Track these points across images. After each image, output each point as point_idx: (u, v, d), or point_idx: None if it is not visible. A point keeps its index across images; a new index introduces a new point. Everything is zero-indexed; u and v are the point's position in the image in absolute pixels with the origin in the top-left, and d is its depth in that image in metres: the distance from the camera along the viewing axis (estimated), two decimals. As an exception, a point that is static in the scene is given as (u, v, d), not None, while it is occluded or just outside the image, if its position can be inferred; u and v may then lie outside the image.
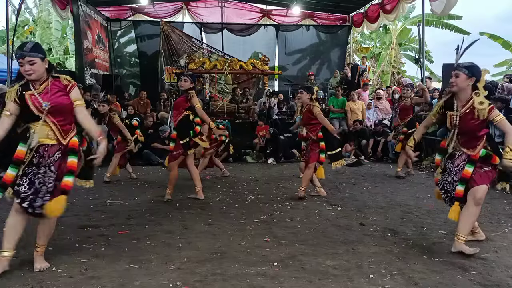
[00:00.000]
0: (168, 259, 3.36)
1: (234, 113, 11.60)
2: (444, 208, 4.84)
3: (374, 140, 9.96)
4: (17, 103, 3.00)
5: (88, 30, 11.72)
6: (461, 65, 3.42)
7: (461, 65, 3.42)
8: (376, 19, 12.90)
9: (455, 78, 3.42)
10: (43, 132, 3.04)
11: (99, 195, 5.87)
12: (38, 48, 3.06)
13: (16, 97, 3.00)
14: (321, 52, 15.61)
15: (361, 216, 4.78)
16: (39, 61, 3.01)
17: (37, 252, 3.17)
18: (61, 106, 3.08)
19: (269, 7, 15.21)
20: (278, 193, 6.08)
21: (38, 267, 3.10)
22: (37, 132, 3.03)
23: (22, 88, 3.03)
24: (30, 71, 2.99)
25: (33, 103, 3.01)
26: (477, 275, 3.07)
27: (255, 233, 4.11)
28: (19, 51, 3.00)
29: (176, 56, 13.37)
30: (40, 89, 3.05)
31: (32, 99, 3.01)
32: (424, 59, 11.81)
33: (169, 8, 14.64)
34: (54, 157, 3.07)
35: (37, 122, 3.03)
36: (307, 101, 5.65)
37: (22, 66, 3.00)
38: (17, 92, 3.01)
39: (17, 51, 3.05)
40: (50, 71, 3.12)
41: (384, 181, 7.13)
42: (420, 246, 3.72)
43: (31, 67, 2.99)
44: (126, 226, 4.34)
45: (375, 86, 17.45)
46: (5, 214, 4.71)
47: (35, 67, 3.00)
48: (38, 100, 3.02)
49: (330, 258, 3.41)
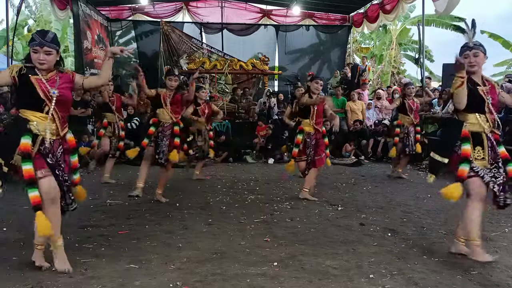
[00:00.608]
0: (168, 259, 3.36)
1: (234, 113, 11.60)
2: (444, 208, 4.85)
3: (374, 140, 9.96)
4: (15, 80, 2.94)
5: (88, 30, 11.71)
6: (477, 43, 3.31)
7: (478, 44, 3.30)
8: (375, 19, 12.88)
9: (474, 57, 3.29)
10: (50, 127, 3.02)
11: (99, 195, 5.87)
12: (57, 40, 3.08)
13: (16, 75, 2.94)
14: (321, 52, 15.58)
15: (361, 216, 4.78)
16: (55, 53, 3.03)
17: (38, 251, 3.15)
18: (66, 98, 3.09)
19: (269, 7, 15.19)
20: (278, 193, 6.08)
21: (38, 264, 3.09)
22: (43, 126, 2.99)
23: (27, 70, 2.98)
24: (44, 61, 2.98)
25: (41, 87, 2.97)
26: (477, 275, 3.06)
27: (255, 233, 4.10)
28: (40, 39, 2.96)
29: (176, 56, 13.36)
30: (47, 77, 3.03)
31: (39, 83, 2.98)
32: (424, 59, 11.80)
33: (169, 8, 14.63)
34: (57, 152, 3.08)
35: (37, 112, 2.98)
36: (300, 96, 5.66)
37: (36, 53, 2.97)
38: (21, 70, 2.95)
39: (37, 37, 2.97)
40: (58, 64, 3.12)
41: (384, 181, 7.14)
42: (420, 246, 3.72)
43: (46, 58, 2.98)
44: (126, 226, 4.33)
45: (375, 86, 17.44)
46: (5, 214, 4.73)
47: (50, 58, 3.00)
48: (46, 86, 2.99)
49: (330, 258, 3.41)
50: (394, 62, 20.87)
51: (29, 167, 2.89)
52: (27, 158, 2.90)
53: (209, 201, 5.59)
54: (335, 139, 10.43)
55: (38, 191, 2.91)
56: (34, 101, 2.98)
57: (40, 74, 3.02)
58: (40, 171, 2.94)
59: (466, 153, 3.28)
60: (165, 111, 5.41)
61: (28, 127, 2.95)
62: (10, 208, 4.89)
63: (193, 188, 6.45)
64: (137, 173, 7.82)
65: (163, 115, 5.43)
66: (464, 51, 3.32)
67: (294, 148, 5.55)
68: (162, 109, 5.41)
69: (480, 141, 3.34)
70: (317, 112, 5.54)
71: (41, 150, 2.99)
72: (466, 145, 3.29)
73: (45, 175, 2.95)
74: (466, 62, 3.26)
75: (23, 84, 2.97)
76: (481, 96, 3.33)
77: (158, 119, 5.44)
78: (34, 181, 2.91)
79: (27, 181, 2.89)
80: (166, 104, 5.40)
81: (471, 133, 3.33)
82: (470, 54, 3.30)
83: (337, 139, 10.45)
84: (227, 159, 9.51)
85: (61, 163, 3.08)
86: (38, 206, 2.91)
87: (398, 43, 20.96)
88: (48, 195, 2.95)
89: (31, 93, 2.97)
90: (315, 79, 5.54)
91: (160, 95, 5.40)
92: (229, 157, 9.57)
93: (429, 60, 20.56)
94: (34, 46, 2.97)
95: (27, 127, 2.95)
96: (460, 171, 3.26)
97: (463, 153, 3.28)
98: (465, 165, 3.25)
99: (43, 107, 3.00)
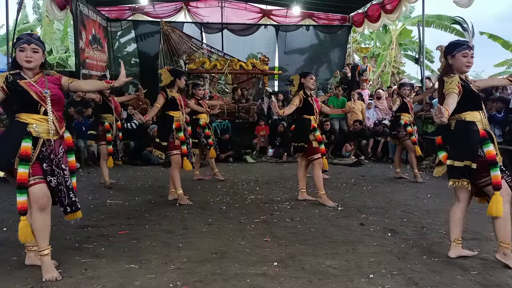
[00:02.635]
0: (168, 259, 3.36)
1: (234, 113, 11.60)
2: (443, 208, 4.85)
3: (374, 140, 9.96)
4: (4, 90, 2.93)
5: (83, 30, 11.70)
6: (472, 45, 3.28)
7: (472, 46, 3.28)
8: (377, 19, 12.87)
9: (471, 58, 3.26)
10: (50, 127, 3.01)
11: (99, 195, 5.88)
12: (42, 42, 3.12)
13: (5, 85, 2.93)
14: (321, 52, 15.58)
15: (361, 216, 4.78)
16: (41, 52, 3.04)
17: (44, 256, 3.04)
18: (58, 96, 3.10)
19: (269, 7, 15.20)
20: (278, 193, 6.08)
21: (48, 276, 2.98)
22: (43, 127, 2.99)
23: (13, 77, 2.98)
24: (31, 58, 2.98)
25: (33, 89, 2.97)
26: (477, 275, 3.06)
27: (255, 233, 4.11)
28: (27, 37, 2.99)
29: (176, 56, 13.35)
30: (35, 79, 3.04)
31: (29, 86, 2.98)
32: (424, 59, 11.80)
33: (169, 8, 14.63)
34: (59, 153, 3.08)
35: (34, 114, 2.97)
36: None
37: (22, 51, 2.97)
38: (7, 79, 2.95)
39: (23, 36, 3.00)
40: (43, 67, 3.13)
41: (384, 181, 7.14)
42: (420, 246, 3.72)
43: (33, 55, 2.99)
44: (126, 226, 4.34)
45: (375, 86, 17.43)
46: (5, 214, 4.74)
47: (37, 56, 3.01)
48: (37, 88, 2.99)
49: (330, 258, 3.41)
50: (394, 62, 20.86)
51: (24, 171, 2.89)
52: (25, 162, 2.90)
53: (209, 201, 5.59)
54: (335, 139, 10.45)
55: (28, 197, 2.92)
56: (28, 104, 2.97)
57: (28, 77, 3.02)
58: (33, 177, 2.93)
59: (492, 155, 3.13)
60: (180, 114, 5.37)
61: (27, 130, 2.94)
62: (10, 208, 4.89)
63: (193, 188, 6.45)
64: (137, 173, 7.89)
65: (182, 117, 5.40)
66: (464, 49, 3.27)
67: (320, 146, 5.36)
68: (178, 111, 5.33)
69: (492, 138, 3.23)
70: (316, 110, 5.52)
71: (43, 151, 2.98)
72: (488, 146, 3.15)
73: (37, 182, 2.94)
74: (464, 61, 3.25)
75: (13, 91, 2.95)
76: (477, 93, 3.30)
77: (179, 123, 5.34)
78: (25, 186, 2.90)
79: (19, 185, 2.89)
80: (182, 107, 5.40)
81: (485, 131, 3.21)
82: (469, 53, 3.27)
83: (337, 139, 10.47)
84: (227, 159, 9.52)
85: (62, 163, 3.07)
86: (23, 211, 2.92)
87: (398, 43, 20.95)
88: (38, 202, 2.93)
89: (23, 97, 2.96)
90: (309, 75, 5.41)
91: (175, 98, 5.30)
92: (230, 157, 9.59)
93: (430, 61, 20.56)
94: (21, 44, 2.98)
95: (26, 130, 2.94)
96: (494, 177, 3.10)
97: (488, 156, 3.13)
98: (495, 169, 3.10)
99: (39, 109, 2.99)
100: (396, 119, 7.22)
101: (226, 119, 11.05)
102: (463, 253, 3.42)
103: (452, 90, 3.16)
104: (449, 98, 3.15)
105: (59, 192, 3.03)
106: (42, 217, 2.96)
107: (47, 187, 2.97)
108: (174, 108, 5.31)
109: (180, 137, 5.29)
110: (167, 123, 5.29)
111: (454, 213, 3.41)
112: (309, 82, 5.38)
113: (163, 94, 5.25)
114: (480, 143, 3.18)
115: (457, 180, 3.26)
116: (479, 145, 3.18)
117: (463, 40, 3.38)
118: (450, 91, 3.17)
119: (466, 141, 3.18)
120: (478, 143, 3.17)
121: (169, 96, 5.25)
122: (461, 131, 3.23)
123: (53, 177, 3.00)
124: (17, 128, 2.98)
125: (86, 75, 11.65)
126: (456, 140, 3.25)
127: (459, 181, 3.26)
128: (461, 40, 3.42)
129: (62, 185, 3.05)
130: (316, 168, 5.36)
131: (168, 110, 5.29)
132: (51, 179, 2.99)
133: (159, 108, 5.25)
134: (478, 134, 3.18)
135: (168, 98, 5.25)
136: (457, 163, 3.22)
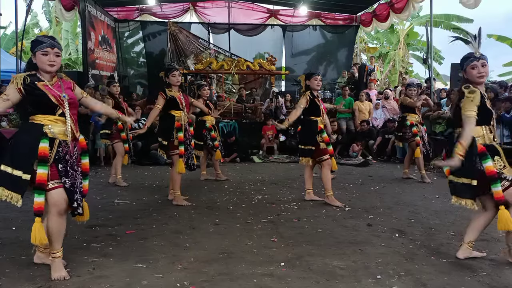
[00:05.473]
0: (176, 259, 3.37)
1: (241, 113, 11.61)
2: (452, 209, 4.82)
3: (383, 139, 9.88)
4: (21, 92, 2.92)
5: (92, 31, 11.77)
6: (483, 55, 3.23)
7: (484, 55, 3.23)
8: (386, 18, 12.82)
9: (482, 68, 3.20)
10: (68, 131, 3.02)
11: (107, 194, 5.91)
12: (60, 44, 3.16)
13: (22, 86, 2.92)
14: (328, 52, 15.56)
15: (369, 216, 4.76)
16: (61, 56, 3.07)
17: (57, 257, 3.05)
18: (74, 100, 3.12)
19: (276, 7, 15.20)
20: (285, 194, 6.07)
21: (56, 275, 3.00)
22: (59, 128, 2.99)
23: (30, 78, 2.97)
24: (54, 62, 3.00)
25: (51, 92, 2.97)
26: (486, 276, 3.04)
27: (262, 233, 4.11)
28: (50, 40, 3.00)
29: (183, 56, 13.41)
30: (52, 82, 3.04)
31: (47, 88, 2.98)
32: (432, 60, 11.73)
33: (176, 8, 14.69)
34: (74, 154, 3.08)
35: (50, 116, 2.96)
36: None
37: (45, 55, 2.97)
38: (25, 80, 2.94)
39: (46, 39, 3.00)
40: (60, 69, 3.16)
41: (391, 182, 7.10)
42: (428, 247, 3.70)
43: (56, 59, 3.01)
44: (134, 226, 4.36)
45: (382, 86, 17.37)
46: (14, 213, 4.77)
47: (59, 60, 3.04)
48: (55, 91, 2.99)
49: (337, 258, 3.40)
50: (402, 62, 20.77)
51: (43, 171, 2.89)
52: (43, 163, 2.89)
53: (216, 201, 5.60)
54: (343, 139, 10.41)
55: (46, 200, 2.93)
56: (45, 106, 2.96)
57: (45, 79, 3.01)
58: (52, 181, 2.93)
59: (491, 171, 3.08)
60: (182, 113, 5.30)
61: (43, 131, 2.93)
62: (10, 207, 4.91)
63: (200, 188, 6.46)
64: (145, 173, 7.92)
65: (184, 116, 5.31)
66: (471, 61, 3.23)
67: (328, 147, 5.34)
68: (179, 111, 5.27)
69: (496, 151, 3.18)
70: (323, 111, 5.49)
71: (60, 152, 2.97)
72: (487, 161, 3.10)
73: (56, 186, 2.95)
74: (475, 72, 3.21)
75: (30, 93, 2.94)
76: (489, 109, 3.26)
77: (180, 123, 5.26)
78: (44, 187, 2.90)
79: (38, 185, 2.89)
80: (183, 106, 5.33)
81: (485, 146, 3.15)
82: (478, 64, 3.22)
83: (344, 139, 10.43)
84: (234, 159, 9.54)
85: (75, 165, 3.07)
86: (39, 212, 2.92)
87: (406, 43, 20.85)
88: (57, 207, 2.94)
89: (41, 99, 2.95)
90: (313, 76, 5.36)
91: (174, 97, 5.24)
92: (236, 157, 9.60)
93: (438, 63, 20.46)
94: (44, 48, 2.96)
95: (42, 131, 2.93)
96: (495, 193, 3.07)
97: (488, 171, 3.08)
98: (496, 185, 3.07)
99: (56, 111, 2.98)
100: (402, 119, 7.17)
101: (233, 119, 11.06)
102: (472, 255, 3.39)
103: (471, 113, 3.09)
104: (467, 125, 3.09)
105: (70, 193, 3.03)
106: (59, 221, 2.99)
107: (64, 191, 2.98)
108: (175, 107, 5.26)
109: (179, 137, 5.25)
110: (168, 123, 5.29)
111: (479, 220, 3.37)
112: (313, 83, 5.36)
113: (162, 95, 5.23)
114: (479, 159, 3.12)
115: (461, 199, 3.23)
116: (478, 161, 3.12)
117: (469, 53, 3.31)
118: (469, 114, 3.10)
119: (465, 157, 3.08)
120: (474, 159, 3.11)
121: (168, 96, 5.22)
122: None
123: (67, 178, 3.00)
124: (33, 129, 2.96)
125: (96, 75, 11.73)
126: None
127: (462, 200, 3.22)
128: (469, 53, 3.34)
129: (75, 186, 3.05)
130: (325, 169, 5.34)
131: (169, 110, 5.28)
132: (65, 180, 2.99)
133: (159, 108, 5.25)
134: (476, 151, 3.11)
135: (167, 97, 5.22)
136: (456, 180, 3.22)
